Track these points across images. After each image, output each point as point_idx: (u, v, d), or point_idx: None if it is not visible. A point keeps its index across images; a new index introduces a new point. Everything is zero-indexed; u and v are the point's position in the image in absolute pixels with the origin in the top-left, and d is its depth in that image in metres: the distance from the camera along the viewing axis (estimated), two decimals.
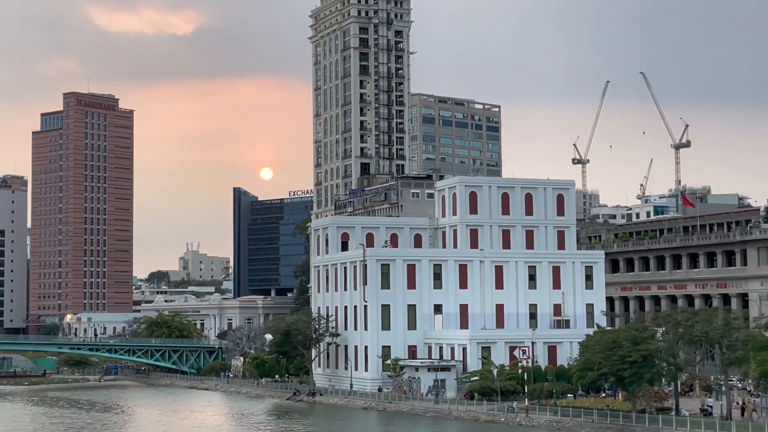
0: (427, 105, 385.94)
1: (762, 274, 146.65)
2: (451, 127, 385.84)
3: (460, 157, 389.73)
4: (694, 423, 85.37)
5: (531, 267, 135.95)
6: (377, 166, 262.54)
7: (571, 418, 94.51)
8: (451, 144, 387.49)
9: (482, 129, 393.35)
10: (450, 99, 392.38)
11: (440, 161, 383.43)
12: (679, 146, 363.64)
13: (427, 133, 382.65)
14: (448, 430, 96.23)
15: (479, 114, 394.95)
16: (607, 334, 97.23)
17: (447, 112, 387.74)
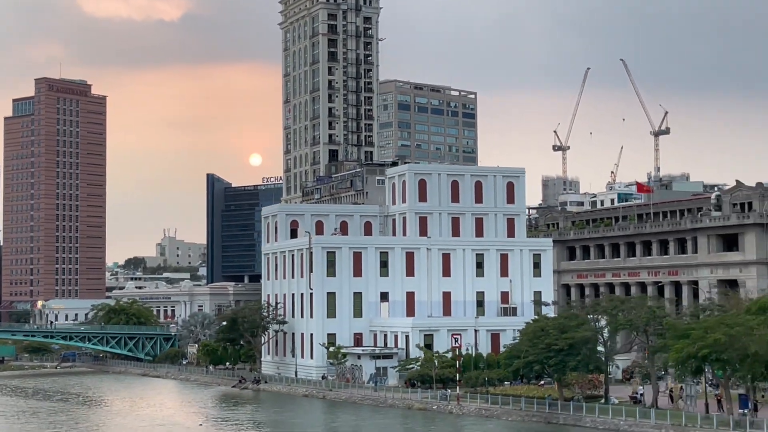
0: (403, 91, 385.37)
1: (712, 262, 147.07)
2: (427, 113, 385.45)
3: (436, 143, 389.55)
4: (616, 411, 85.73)
5: (479, 255, 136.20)
6: (345, 152, 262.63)
7: (500, 406, 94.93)
8: (427, 131, 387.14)
9: (458, 116, 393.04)
10: (426, 86, 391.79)
11: (416, 148, 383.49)
12: (659, 133, 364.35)
13: (402, 120, 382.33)
14: (376, 417, 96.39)
15: (455, 101, 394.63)
16: (539, 322, 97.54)
17: (423, 99, 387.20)
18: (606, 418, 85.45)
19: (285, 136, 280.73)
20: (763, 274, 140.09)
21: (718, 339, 78.08)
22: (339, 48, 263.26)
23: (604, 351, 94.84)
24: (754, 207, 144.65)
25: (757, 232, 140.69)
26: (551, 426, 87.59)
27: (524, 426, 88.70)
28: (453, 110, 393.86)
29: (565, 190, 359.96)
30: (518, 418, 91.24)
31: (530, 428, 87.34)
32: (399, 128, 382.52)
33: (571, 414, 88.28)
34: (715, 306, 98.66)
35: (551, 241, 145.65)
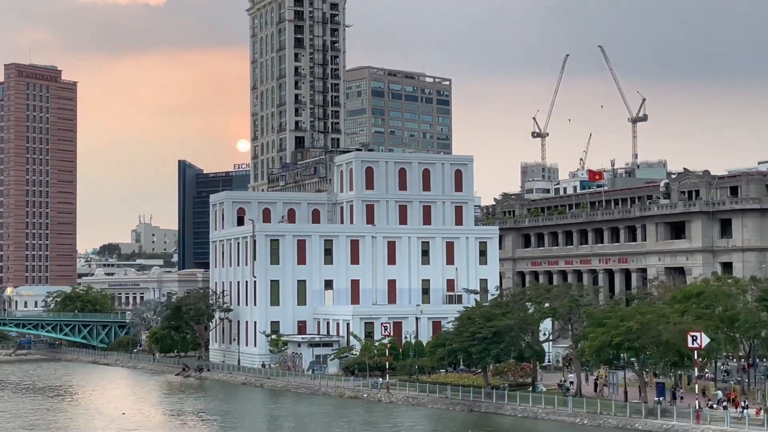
0: (377, 78, 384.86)
1: (659, 249, 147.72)
2: (401, 100, 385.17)
3: (410, 130, 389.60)
4: (536, 399, 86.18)
5: (424, 242, 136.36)
6: (312, 139, 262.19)
7: (427, 394, 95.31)
8: (401, 117, 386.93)
9: (432, 102, 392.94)
10: (400, 72, 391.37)
11: (390, 134, 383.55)
12: (636, 120, 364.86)
13: (376, 107, 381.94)
14: (302, 405, 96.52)
15: (429, 87, 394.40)
16: (468, 311, 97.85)
17: (396, 86, 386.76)
18: (526, 406, 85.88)
19: (252, 122, 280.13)
20: (708, 262, 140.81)
21: (630, 327, 78.54)
22: (305, 34, 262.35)
23: (532, 339, 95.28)
24: (701, 195, 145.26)
25: (702, 220, 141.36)
26: (473, 414, 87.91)
27: (447, 414, 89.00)
28: (427, 97, 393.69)
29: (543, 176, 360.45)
30: (443, 407, 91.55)
31: (452, 416, 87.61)
32: (373, 115, 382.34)
33: (493, 402, 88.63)
34: (644, 294, 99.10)
35: (497, 229, 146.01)
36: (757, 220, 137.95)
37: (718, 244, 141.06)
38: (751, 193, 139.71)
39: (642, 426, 76.45)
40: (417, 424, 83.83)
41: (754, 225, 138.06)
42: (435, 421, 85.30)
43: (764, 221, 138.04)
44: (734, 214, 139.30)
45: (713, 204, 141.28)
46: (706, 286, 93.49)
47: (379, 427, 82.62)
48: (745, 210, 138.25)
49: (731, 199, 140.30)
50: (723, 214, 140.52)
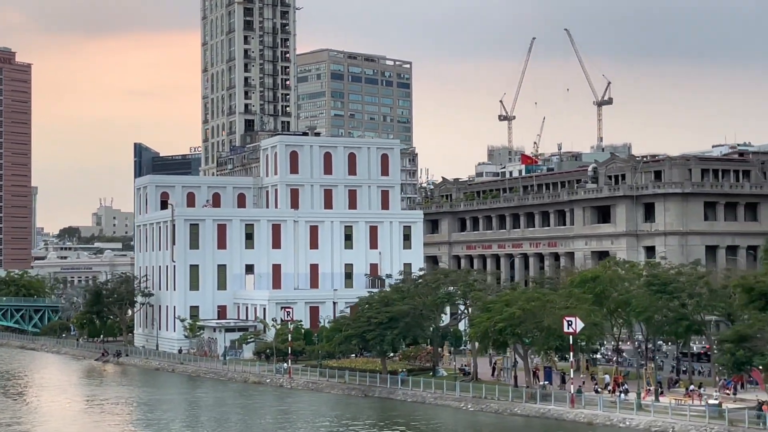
0: (336, 61, 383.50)
1: (586, 233, 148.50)
2: (361, 83, 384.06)
3: (370, 113, 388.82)
4: (426, 384, 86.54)
5: (347, 227, 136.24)
6: (261, 122, 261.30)
7: (327, 379, 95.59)
8: (361, 100, 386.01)
9: (393, 86, 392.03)
10: (360, 55, 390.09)
11: (349, 117, 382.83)
12: (601, 103, 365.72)
13: (335, 90, 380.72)
14: (202, 390, 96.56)
15: (390, 70, 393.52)
16: (370, 296, 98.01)
17: (356, 69, 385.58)
18: (417, 390, 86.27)
19: (203, 105, 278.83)
20: (632, 246, 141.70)
21: (513, 312, 78.92)
22: (255, 17, 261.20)
23: (433, 324, 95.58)
24: (626, 179, 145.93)
25: (627, 204, 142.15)
26: (368, 399, 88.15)
27: (341, 399, 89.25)
28: (387, 80, 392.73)
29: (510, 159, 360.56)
30: (340, 392, 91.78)
31: (345, 401, 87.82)
32: (332, 98, 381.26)
33: (387, 387, 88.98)
34: (545, 278, 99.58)
35: (422, 213, 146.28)
36: (679, 204, 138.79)
37: (641, 228, 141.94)
38: (674, 177, 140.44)
39: (520, 410, 76.97)
40: (301, 409, 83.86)
41: (676, 209, 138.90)
42: (326, 406, 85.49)
43: (686, 205, 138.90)
44: (657, 198, 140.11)
45: (637, 188, 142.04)
46: (603, 271, 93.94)
47: (263, 412, 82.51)
48: (668, 194, 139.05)
49: (654, 184, 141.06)
50: (646, 198, 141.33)
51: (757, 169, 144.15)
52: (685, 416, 68.09)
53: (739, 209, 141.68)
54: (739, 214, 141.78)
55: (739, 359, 65.75)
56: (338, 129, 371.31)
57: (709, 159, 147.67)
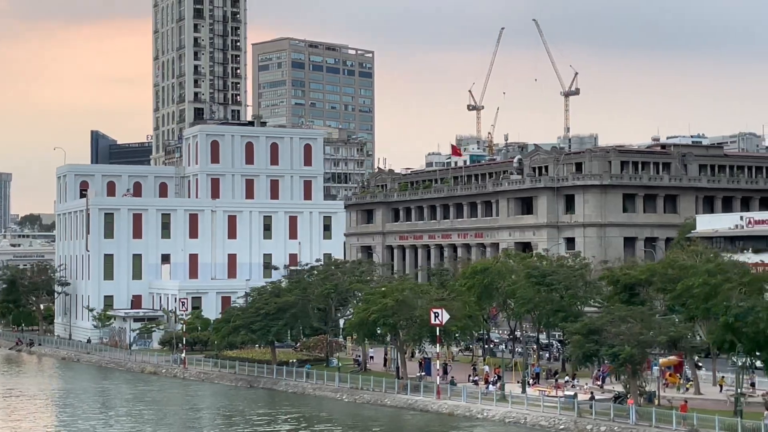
0: (297, 50, 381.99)
1: (510, 224, 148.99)
2: (322, 72, 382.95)
3: (331, 102, 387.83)
4: (309, 375, 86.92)
5: (267, 217, 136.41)
6: (211, 111, 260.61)
7: (218, 369, 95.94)
8: (322, 90, 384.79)
9: (354, 75, 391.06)
10: (321, 44, 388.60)
11: (310, 107, 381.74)
12: (568, 94, 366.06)
13: (296, 78, 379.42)
14: (95, 380, 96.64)
15: (352, 59, 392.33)
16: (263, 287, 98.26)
17: (318, 57, 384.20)
18: (300, 381, 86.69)
19: (155, 93, 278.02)
20: (553, 237, 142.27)
21: (386, 304, 79.32)
22: (206, 5, 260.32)
23: (328, 314, 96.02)
24: (549, 171, 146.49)
25: (548, 196, 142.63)
26: (252, 390, 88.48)
27: (227, 389, 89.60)
28: (349, 69, 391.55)
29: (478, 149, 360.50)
30: (228, 382, 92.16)
31: (229, 392, 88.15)
32: (293, 87, 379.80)
33: (273, 377, 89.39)
34: (441, 270, 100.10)
35: (342, 204, 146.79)
36: (598, 196, 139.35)
37: (562, 219, 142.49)
38: (593, 169, 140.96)
39: (390, 401, 77.47)
40: (172, 396, 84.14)
41: (595, 201, 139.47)
42: (207, 396, 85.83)
43: (605, 197, 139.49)
44: (577, 190, 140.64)
45: (558, 180, 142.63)
46: (493, 263, 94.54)
47: (139, 401, 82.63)
48: (587, 186, 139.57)
49: (574, 176, 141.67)
50: (567, 190, 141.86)
51: (677, 162, 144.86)
52: (539, 407, 68.81)
53: (659, 201, 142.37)
54: (658, 206, 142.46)
55: (587, 352, 66.31)
56: (299, 118, 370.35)
57: (629, 151, 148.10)
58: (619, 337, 64.15)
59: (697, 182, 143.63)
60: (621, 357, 62.97)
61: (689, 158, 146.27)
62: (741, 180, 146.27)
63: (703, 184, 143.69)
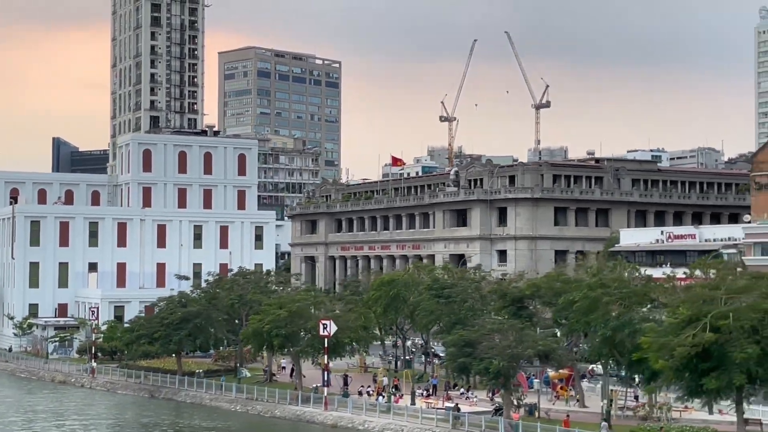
0: (264, 59, 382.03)
1: (445, 236, 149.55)
2: (288, 81, 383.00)
3: (297, 112, 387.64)
4: (208, 385, 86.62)
5: (197, 226, 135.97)
6: (167, 119, 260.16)
7: (125, 379, 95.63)
8: (288, 99, 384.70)
9: (321, 84, 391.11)
10: (287, 53, 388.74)
11: (276, 116, 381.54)
12: (539, 106, 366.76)
13: (262, 87, 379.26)
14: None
15: (318, 69, 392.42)
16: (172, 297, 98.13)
17: (284, 67, 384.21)
18: (200, 391, 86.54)
19: (112, 101, 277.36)
20: (486, 249, 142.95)
21: (279, 315, 79.39)
22: (163, 13, 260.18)
23: (239, 325, 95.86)
24: (484, 184, 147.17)
25: (481, 208, 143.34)
26: (153, 400, 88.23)
27: (128, 399, 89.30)
28: (316, 79, 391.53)
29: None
30: (132, 392, 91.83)
31: (130, 401, 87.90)
32: (258, 96, 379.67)
33: (175, 388, 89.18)
34: (352, 281, 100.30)
35: (274, 214, 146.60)
36: (529, 209, 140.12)
37: (495, 231, 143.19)
38: (526, 182, 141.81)
39: (280, 412, 77.47)
40: (68, 406, 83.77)
41: (527, 214, 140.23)
42: (103, 406, 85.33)
43: (536, 210, 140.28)
44: (509, 203, 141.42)
45: (491, 193, 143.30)
46: (402, 275, 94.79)
47: (27, 410, 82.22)
48: (519, 199, 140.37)
49: (507, 189, 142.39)
50: (500, 202, 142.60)
51: (609, 176, 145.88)
52: (418, 419, 69.01)
53: (591, 215, 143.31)
54: (590, 219, 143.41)
55: (461, 365, 66.55)
56: (264, 127, 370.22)
57: (561, 165, 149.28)
58: (492, 350, 64.43)
59: (628, 196, 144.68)
60: (491, 370, 63.24)
61: (622, 173, 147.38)
62: (673, 195, 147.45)
63: (635, 198, 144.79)
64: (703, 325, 53.18)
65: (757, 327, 53.40)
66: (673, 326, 54.72)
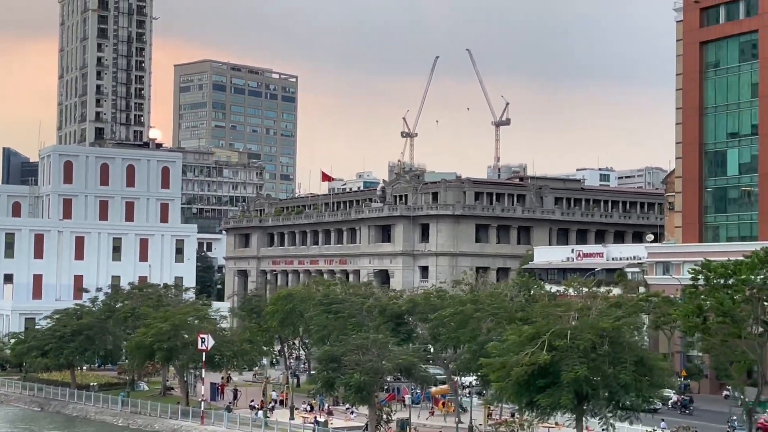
0: (219, 72, 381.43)
1: (370, 252, 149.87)
2: (244, 95, 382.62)
3: (253, 126, 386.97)
4: (96, 398, 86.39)
5: (116, 239, 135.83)
6: (112, 131, 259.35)
7: (20, 391, 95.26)
8: (243, 112, 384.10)
9: (278, 99, 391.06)
10: (244, 67, 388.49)
11: (231, 129, 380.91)
12: (499, 124, 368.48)
13: (217, 101, 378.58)
14: None
15: (275, 83, 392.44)
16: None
17: (240, 80, 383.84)
18: (88, 404, 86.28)
19: (59, 111, 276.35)
20: (408, 265, 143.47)
21: (161, 328, 79.35)
22: (110, 25, 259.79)
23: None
24: (408, 200, 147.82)
25: (404, 224, 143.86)
26: (42, 412, 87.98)
27: (18, 412, 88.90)
28: (272, 93, 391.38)
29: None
30: (24, 405, 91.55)
31: (20, 414, 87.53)
32: (213, 109, 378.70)
33: (65, 401, 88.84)
34: (253, 296, 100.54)
35: (195, 228, 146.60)
36: (451, 226, 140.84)
37: (417, 247, 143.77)
38: (448, 199, 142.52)
39: (159, 426, 77.45)
40: None
41: (448, 230, 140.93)
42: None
43: (458, 227, 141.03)
44: (431, 219, 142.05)
45: (414, 209, 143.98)
46: (301, 289, 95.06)
47: None
48: (441, 215, 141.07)
49: (429, 205, 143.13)
50: (423, 219, 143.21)
51: (532, 194, 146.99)
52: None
53: (512, 232, 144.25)
54: (512, 237, 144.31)
55: (326, 379, 66.79)
56: (218, 140, 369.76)
57: (484, 183, 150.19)
58: (356, 365, 64.76)
59: (550, 215, 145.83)
60: (351, 385, 63.58)
61: (545, 191, 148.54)
62: (596, 213, 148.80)
63: (557, 216, 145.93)
64: (541, 343, 53.82)
65: (596, 345, 54.14)
66: (516, 344, 55.30)
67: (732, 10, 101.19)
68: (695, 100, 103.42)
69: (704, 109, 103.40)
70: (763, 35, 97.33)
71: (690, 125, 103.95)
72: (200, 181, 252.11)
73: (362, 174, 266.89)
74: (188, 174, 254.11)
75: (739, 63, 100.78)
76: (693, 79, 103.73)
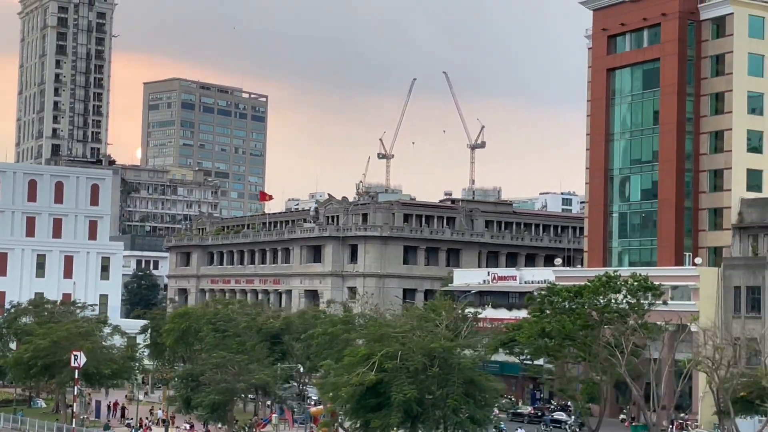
0: (188, 90, 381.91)
1: (301, 272, 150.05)
2: (213, 114, 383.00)
3: (222, 144, 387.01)
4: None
5: (40, 255, 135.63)
6: (68, 148, 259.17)
7: None
8: (212, 131, 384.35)
9: (247, 118, 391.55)
10: (213, 86, 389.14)
11: (199, 147, 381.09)
12: (475, 146, 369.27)
13: (186, 119, 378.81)
14: None
15: (245, 103, 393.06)
16: None
17: (209, 99, 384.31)
18: None
19: (17, 127, 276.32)
20: (337, 286, 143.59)
21: (39, 344, 79.32)
22: (69, 42, 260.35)
23: None
24: (339, 221, 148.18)
25: (334, 245, 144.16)
26: None
27: None
28: (242, 112, 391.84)
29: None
30: None
31: None
32: (181, 127, 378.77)
33: None
34: (155, 313, 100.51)
35: (122, 245, 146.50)
36: (378, 247, 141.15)
37: (346, 268, 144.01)
38: (377, 221, 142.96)
39: None
40: None
41: (376, 252, 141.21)
42: None
43: (385, 248, 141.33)
44: (360, 241, 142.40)
45: (344, 230, 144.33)
46: (199, 308, 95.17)
47: None
48: (369, 237, 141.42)
49: (357, 226, 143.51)
50: (352, 240, 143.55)
51: (462, 217, 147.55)
52: None
53: (441, 255, 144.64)
54: (441, 259, 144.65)
55: (184, 397, 66.85)
56: (186, 159, 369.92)
57: (413, 205, 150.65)
58: (216, 383, 64.85)
59: (480, 237, 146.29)
60: (205, 404, 63.65)
61: (476, 214, 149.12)
62: (525, 237, 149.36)
63: (486, 239, 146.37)
64: (372, 364, 54.07)
65: (426, 366, 54.42)
66: (350, 365, 55.54)
67: (637, 38, 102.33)
68: (602, 127, 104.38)
69: (610, 135, 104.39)
70: (664, 63, 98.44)
71: (596, 151, 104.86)
72: (154, 200, 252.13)
73: (315, 194, 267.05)
74: (142, 192, 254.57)
75: (642, 90, 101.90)
76: (600, 105, 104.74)
